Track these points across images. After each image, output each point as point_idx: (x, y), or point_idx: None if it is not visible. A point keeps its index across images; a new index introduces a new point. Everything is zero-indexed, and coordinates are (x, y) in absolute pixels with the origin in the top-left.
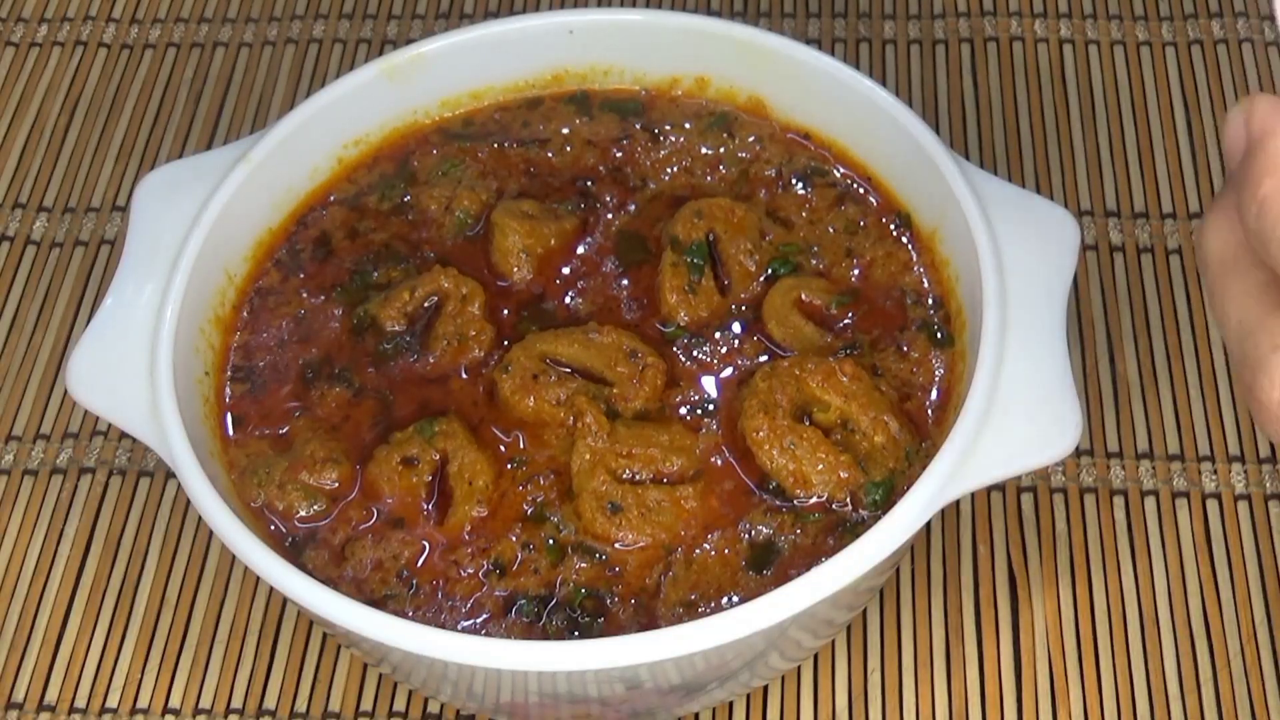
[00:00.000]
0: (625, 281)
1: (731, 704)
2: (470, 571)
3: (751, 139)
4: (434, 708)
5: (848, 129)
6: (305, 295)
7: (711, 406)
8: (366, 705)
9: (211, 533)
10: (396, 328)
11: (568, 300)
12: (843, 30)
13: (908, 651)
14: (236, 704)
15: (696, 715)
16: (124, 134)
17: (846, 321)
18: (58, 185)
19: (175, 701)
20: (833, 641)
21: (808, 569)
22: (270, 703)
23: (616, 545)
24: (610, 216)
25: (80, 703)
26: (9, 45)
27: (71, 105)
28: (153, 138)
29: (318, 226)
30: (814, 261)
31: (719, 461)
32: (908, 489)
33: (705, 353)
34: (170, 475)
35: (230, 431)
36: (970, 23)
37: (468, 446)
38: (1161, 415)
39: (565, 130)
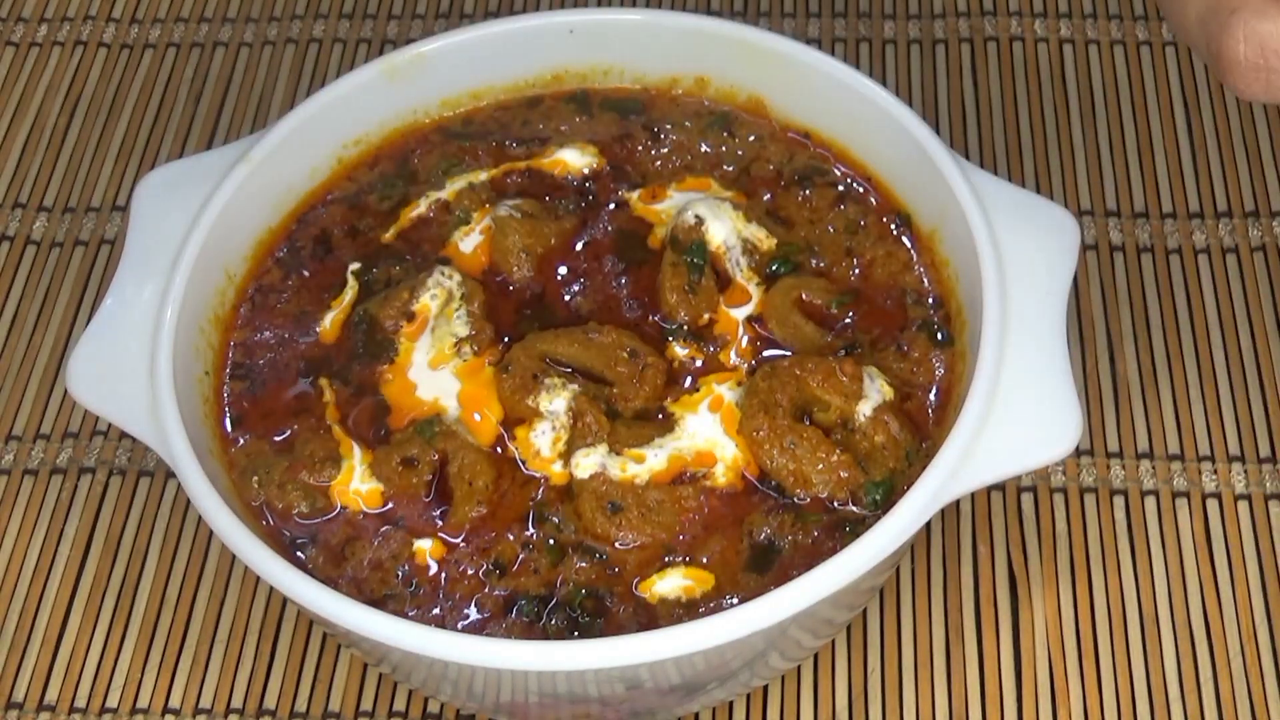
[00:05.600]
0: (625, 280)
1: (731, 704)
2: (470, 571)
3: (752, 138)
4: (434, 708)
5: (848, 129)
6: (305, 294)
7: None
8: (366, 705)
9: (211, 533)
10: (396, 326)
11: (568, 299)
12: (843, 30)
13: (908, 651)
14: (236, 704)
15: (696, 715)
16: (124, 134)
17: (846, 321)
18: (58, 185)
19: (175, 701)
20: (833, 641)
21: (808, 569)
22: (270, 703)
23: (616, 545)
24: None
25: (80, 702)
26: (9, 45)
27: (71, 105)
28: (153, 138)
29: (318, 225)
30: (814, 261)
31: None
32: (908, 489)
33: (705, 352)
34: (170, 475)
35: (230, 431)
36: (970, 22)
37: (467, 447)
38: (1161, 415)
39: (565, 129)
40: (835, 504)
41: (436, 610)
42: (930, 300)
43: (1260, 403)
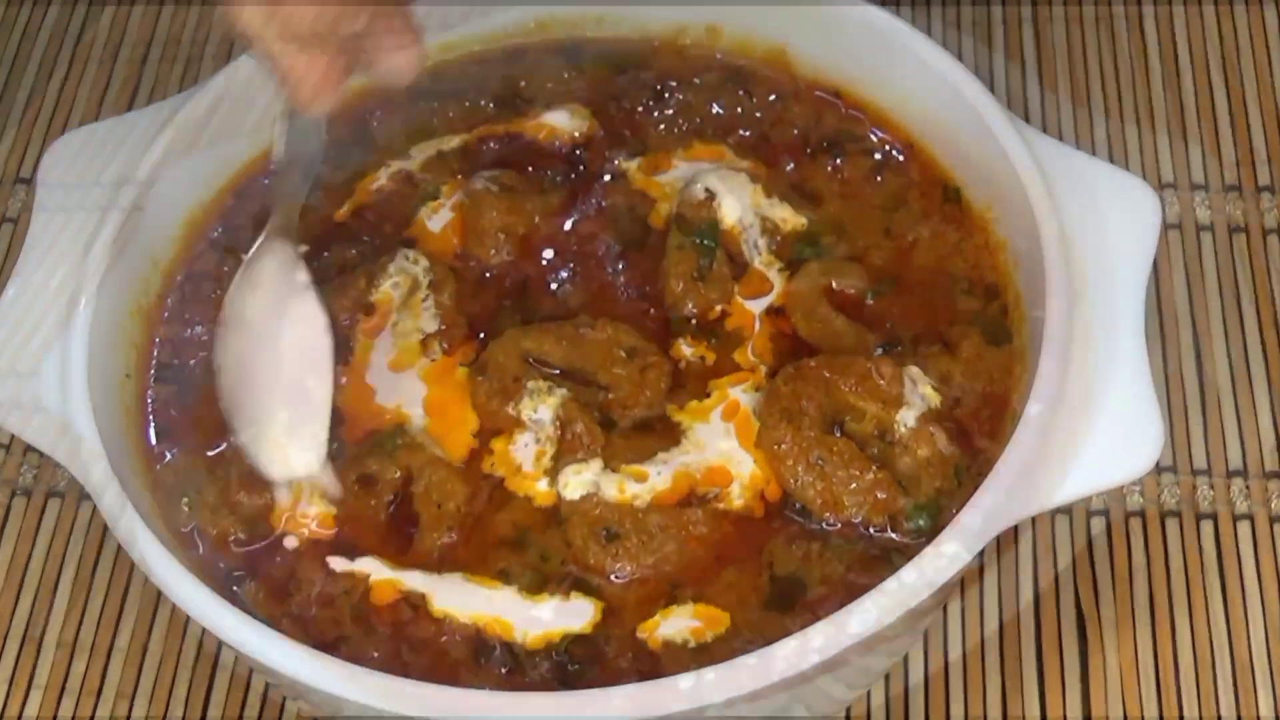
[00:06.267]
0: (622, 266)
1: None
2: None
3: (772, 98)
4: None
5: (885, 86)
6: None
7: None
8: None
9: (133, 564)
10: (352, 321)
11: (554, 288)
12: None
13: (956, 706)
14: None
15: None
16: (28, 94)
17: (885, 314)
18: None
19: None
20: (868, 692)
21: (837, 607)
22: None
23: (612, 578)
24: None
25: None
26: None
27: None
28: (63, 98)
29: (258, 200)
30: (846, 243)
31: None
32: (956, 512)
33: (717, 350)
34: (84, 496)
35: (155, 444)
36: None
37: (435, 463)
38: (1257, 425)
39: (551, 86)
40: (871, 530)
41: (397, 655)
42: (983, 290)
43: None
